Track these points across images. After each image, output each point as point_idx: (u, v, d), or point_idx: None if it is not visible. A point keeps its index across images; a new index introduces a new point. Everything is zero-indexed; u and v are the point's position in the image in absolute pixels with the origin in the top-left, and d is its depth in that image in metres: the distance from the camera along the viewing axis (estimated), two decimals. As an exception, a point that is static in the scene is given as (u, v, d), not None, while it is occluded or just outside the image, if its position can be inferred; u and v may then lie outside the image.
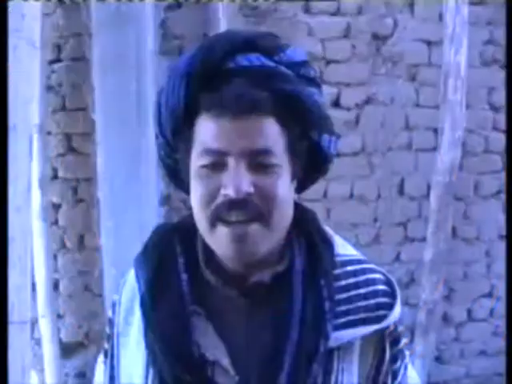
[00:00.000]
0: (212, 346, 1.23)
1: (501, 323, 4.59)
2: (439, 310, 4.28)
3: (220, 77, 1.18)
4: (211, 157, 1.17)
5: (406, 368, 1.38)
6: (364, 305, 1.28)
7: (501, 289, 4.55)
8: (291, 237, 1.29)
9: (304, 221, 1.33)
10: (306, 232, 1.32)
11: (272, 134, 1.18)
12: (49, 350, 3.80)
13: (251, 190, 1.15)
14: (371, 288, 1.30)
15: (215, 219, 1.18)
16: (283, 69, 1.21)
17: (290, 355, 1.20)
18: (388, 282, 1.34)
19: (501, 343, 4.62)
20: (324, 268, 1.27)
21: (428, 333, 4.22)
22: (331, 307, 1.24)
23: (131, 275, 1.36)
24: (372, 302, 1.28)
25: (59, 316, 3.90)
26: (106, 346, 1.41)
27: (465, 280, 4.52)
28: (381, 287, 1.32)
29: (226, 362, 1.22)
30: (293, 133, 1.21)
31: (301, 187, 1.33)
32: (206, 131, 1.18)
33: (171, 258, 1.30)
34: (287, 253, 1.29)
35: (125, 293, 1.36)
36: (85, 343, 3.97)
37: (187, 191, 1.29)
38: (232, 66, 1.19)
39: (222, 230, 1.18)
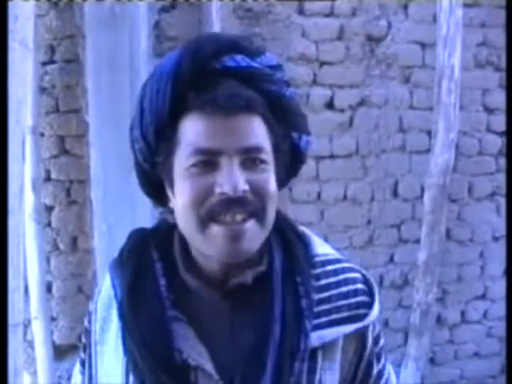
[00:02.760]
0: (194, 351, 1.22)
1: (494, 325, 4.60)
2: (433, 311, 4.29)
3: (207, 77, 1.19)
4: (203, 156, 1.17)
5: (388, 371, 1.41)
6: (346, 303, 1.29)
7: (495, 290, 4.56)
8: (269, 237, 1.29)
9: (277, 221, 1.32)
10: (281, 232, 1.33)
11: (261, 132, 1.19)
12: (42, 352, 3.79)
13: (247, 187, 1.15)
14: (351, 287, 1.31)
15: (208, 219, 1.17)
16: (267, 70, 1.23)
17: (272, 355, 1.20)
18: (366, 281, 1.35)
19: (495, 345, 4.63)
20: (300, 266, 1.28)
21: (422, 335, 4.22)
22: (308, 305, 1.24)
23: (107, 283, 1.34)
24: (353, 300, 1.30)
25: (52, 318, 3.89)
26: (83, 355, 1.39)
27: (459, 282, 4.52)
28: (360, 286, 1.33)
29: (209, 366, 1.21)
30: (277, 133, 1.23)
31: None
32: (196, 130, 1.18)
33: (148, 263, 1.29)
34: (266, 253, 1.29)
35: (101, 301, 1.35)
36: (78, 345, 3.95)
37: (158, 198, 1.31)
38: (218, 67, 1.20)
39: (216, 230, 1.17)
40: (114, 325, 1.29)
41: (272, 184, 1.20)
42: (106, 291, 1.34)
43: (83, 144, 3.71)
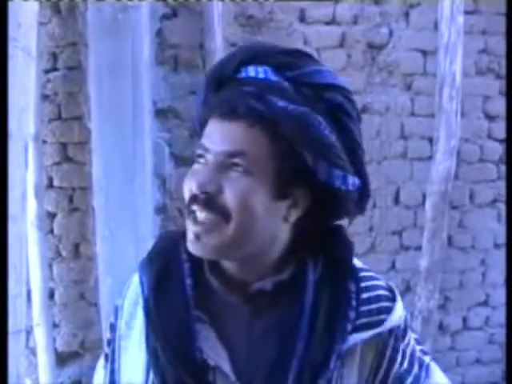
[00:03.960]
0: (214, 352, 1.25)
1: (496, 331, 4.60)
2: (435, 318, 4.29)
3: (229, 84, 1.24)
4: (199, 150, 1.23)
5: (420, 370, 1.39)
6: (366, 309, 1.29)
7: (496, 297, 4.56)
8: (296, 247, 1.30)
9: (331, 234, 1.34)
10: (329, 247, 1.32)
11: (254, 141, 1.20)
12: (44, 359, 3.79)
13: (211, 188, 1.19)
14: (373, 293, 1.32)
15: (188, 213, 1.23)
16: (285, 85, 1.22)
17: (295, 368, 1.21)
18: (389, 288, 1.36)
19: (496, 352, 4.63)
20: (348, 288, 1.28)
21: (423, 341, 4.21)
22: (345, 328, 1.24)
23: (135, 280, 1.38)
24: (374, 306, 1.31)
25: (54, 325, 3.89)
26: (107, 350, 1.43)
27: (460, 288, 4.52)
28: (382, 292, 1.34)
29: (227, 367, 1.24)
30: (279, 148, 1.20)
31: (316, 220, 1.31)
32: (206, 130, 1.25)
33: (176, 263, 1.32)
34: (292, 263, 1.29)
35: (128, 297, 1.39)
36: (80, 352, 3.96)
37: None
38: (242, 76, 1.24)
39: (188, 225, 1.23)
40: (139, 321, 1.32)
41: (252, 195, 1.19)
42: (134, 288, 1.38)
43: (85, 151, 3.71)
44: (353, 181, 1.26)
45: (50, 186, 3.81)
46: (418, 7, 4.16)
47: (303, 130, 1.20)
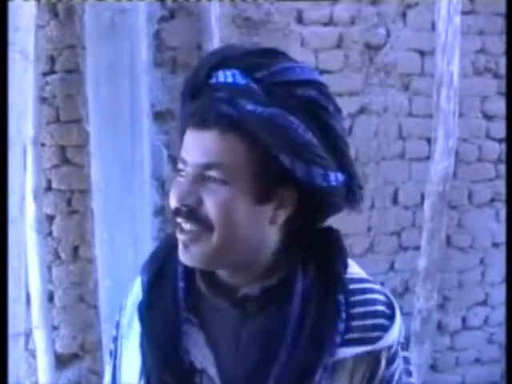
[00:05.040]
0: (201, 355, 1.25)
1: (495, 331, 4.60)
2: (434, 318, 4.28)
3: (202, 91, 1.22)
4: (179, 164, 1.23)
5: None
6: (360, 324, 1.27)
7: (495, 297, 4.57)
8: (288, 251, 1.29)
9: (325, 241, 1.33)
10: (323, 253, 1.31)
11: (229, 150, 1.18)
12: (43, 362, 3.79)
13: (191, 200, 1.18)
14: (370, 308, 1.29)
15: (175, 225, 1.23)
16: (254, 87, 1.18)
17: (275, 377, 1.20)
18: (389, 304, 1.33)
19: (495, 351, 4.63)
20: (338, 297, 1.27)
21: (423, 341, 4.22)
22: (334, 341, 1.23)
23: (138, 281, 1.40)
24: (369, 322, 1.28)
25: (54, 327, 3.88)
26: (112, 347, 1.45)
27: (459, 288, 4.52)
28: (380, 308, 1.31)
29: (212, 371, 1.24)
30: (255, 152, 1.18)
31: (306, 219, 1.30)
32: (184, 141, 1.24)
33: (172, 266, 1.33)
34: (282, 267, 1.28)
35: (131, 297, 1.41)
36: (79, 354, 3.95)
37: None
38: (213, 82, 1.21)
39: (178, 236, 1.23)
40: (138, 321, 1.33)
41: (231, 204, 1.18)
42: (136, 289, 1.40)
43: (84, 154, 3.71)
44: (335, 177, 1.23)
45: (49, 188, 3.80)
46: (416, 7, 4.16)
47: (275, 131, 1.17)
